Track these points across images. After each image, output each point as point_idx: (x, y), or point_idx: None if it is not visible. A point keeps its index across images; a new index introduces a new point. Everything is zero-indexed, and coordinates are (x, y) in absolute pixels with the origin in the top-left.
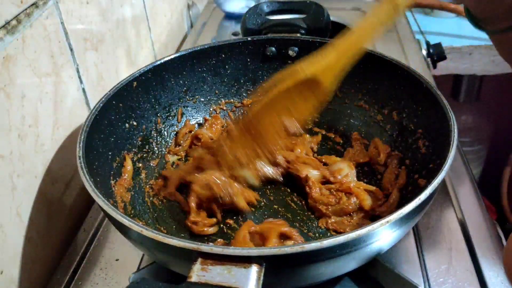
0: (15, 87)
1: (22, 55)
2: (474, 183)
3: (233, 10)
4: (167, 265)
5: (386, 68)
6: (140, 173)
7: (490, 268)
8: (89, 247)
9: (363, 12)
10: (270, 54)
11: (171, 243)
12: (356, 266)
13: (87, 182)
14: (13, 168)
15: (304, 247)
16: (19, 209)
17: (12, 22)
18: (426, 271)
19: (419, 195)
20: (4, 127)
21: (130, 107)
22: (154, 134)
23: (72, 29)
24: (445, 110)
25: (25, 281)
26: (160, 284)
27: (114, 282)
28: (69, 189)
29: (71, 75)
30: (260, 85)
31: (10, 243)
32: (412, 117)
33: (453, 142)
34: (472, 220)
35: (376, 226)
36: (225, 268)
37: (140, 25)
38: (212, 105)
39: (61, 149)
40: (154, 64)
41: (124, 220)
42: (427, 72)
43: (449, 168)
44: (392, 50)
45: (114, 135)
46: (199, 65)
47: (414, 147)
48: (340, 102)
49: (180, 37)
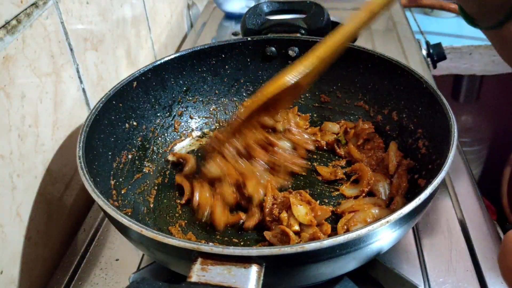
0: (15, 87)
1: (22, 55)
2: (474, 183)
3: (233, 10)
4: (167, 265)
5: (386, 68)
6: (140, 172)
7: (490, 268)
8: (89, 247)
9: None
10: (270, 54)
11: (171, 243)
12: (356, 266)
13: (87, 182)
14: (13, 168)
15: (304, 247)
16: (19, 209)
17: (12, 22)
18: (426, 271)
19: (419, 195)
20: (4, 127)
21: (130, 107)
22: (154, 134)
23: (72, 29)
24: (445, 110)
25: (25, 281)
26: (160, 284)
27: (114, 282)
28: (69, 189)
29: (71, 75)
30: (260, 85)
31: (10, 243)
32: (412, 117)
33: (453, 142)
34: (472, 220)
35: (376, 226)
36: (225, 268)
37: (140, 25)
38: (212, 105)
39: (61, 149)
40: (154, 64)
41: (124, 220)
42: (427, 72)
43: (449, 168)
44: (392, 50)
45: (114, 135)
46: (199, 65)
47: (414, 147)
48: (340, 102)
49: (180, 37)
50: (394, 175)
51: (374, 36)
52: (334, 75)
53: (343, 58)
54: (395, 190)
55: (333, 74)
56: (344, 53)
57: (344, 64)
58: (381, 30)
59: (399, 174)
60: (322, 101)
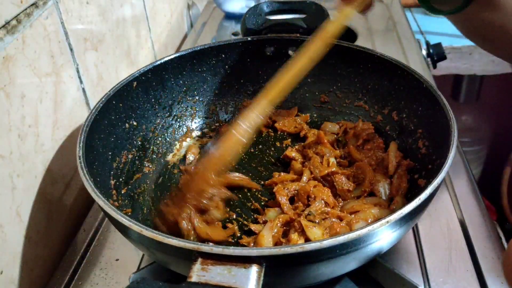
0: (15, 87)
1: (22, 55)
2: (474, 183)
3: (233, 10)
4: (167, 265)
5: (386, 68)
6: (140, 172)
7: (490, 268)
8: (89, 247)
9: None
10: (270, 54)
11: (171, 243)
12: (356, 266)
13: (87, 182)
14: (13, 168)
15: (304, 247)
16: (19, 209)
17: (12, 22)
18: (426, 271)
19: (419, 195)
20: (4, 127)
21: (130, 107)
22: (154, 134)
23: (72, 29)
24: (445, 110)
25: (25, 281)
26: (160, 284)
27: (114, 282)
28: (69, 189)
29: (71, 75)
30: (260, 85)
31: (10, 243)
32: (412, 117)
33: (453, 142)
34: (472, 220)
35: (376, 226)
36: (225, 268)
37: (140, 25)
38: (212, 105)
39: (61, 149)
40: (154, 64)
41: (124, 220)
42: (427, 72)
43: (449, 168)
44: (392, 50)
45: (114, 135)
46: (199, 65)
47: (414, 147)
48: (340, 102)
49: (180, 37)
50: (394, 175)
51: (374, 36)
52: (334, 75)
53: (343, 58)
54: (395, 190)
55: (333, 74)
56: (344, 53)
57: (344, 64)
58: (381, 30)
59: (399, 175)
60: (322, 101)
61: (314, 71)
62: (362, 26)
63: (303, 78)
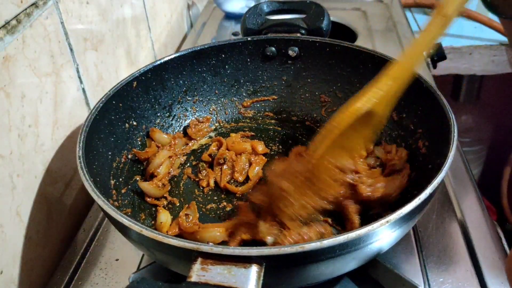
0: (15, 87)
1: (22, 55)
2: (474, 183)
3: (233, 10)
4: (167, 265)
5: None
6: (140, 173)
7: (490, 268)
8: (89, 247)
9: (363, 12)
10: (270, 54)
11: (171, 243)
12: (356, 266)
13: (87, 182)
14: (13, 168)
15: (304, 247)
16: (19, 209)
17: (12, 22)
18: (426, 271)
19: (419, 195)
20: (4, 127)
21: (130, 107)
22: None
23: (72, 29)
24: (445, 110)
25: (25, 281)
26: (160, 284)
27: (114, 282)
28: (69, 189)
29: (71, 75)
30: (260, 85)
31: (10, 243)
32: (412, 117)
33: (453, 142)
34: (472, 220)
35: (376, 226)
36: (225, 268)
37: (140, 25)
38: (212, 105)
39: (61, 149)
40: (154, 64)
41: (124, 220)
42: (427, 72)
43: (449, 168)
44: (392, 50)
45: (114, 135)
46: (199, 65)
47: (414, 147)
48: (340, 102)
49: (180, 37)
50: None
51: (374, 36)
52: (334, 75)
53: (343, 58)
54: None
55: (333, 74)
56: (344, 53)
57: (344, 64)
58: (381, 30)
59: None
60: (322, 101)
61: (314, 71)
62: (362, 26)
63: (303, 78)
